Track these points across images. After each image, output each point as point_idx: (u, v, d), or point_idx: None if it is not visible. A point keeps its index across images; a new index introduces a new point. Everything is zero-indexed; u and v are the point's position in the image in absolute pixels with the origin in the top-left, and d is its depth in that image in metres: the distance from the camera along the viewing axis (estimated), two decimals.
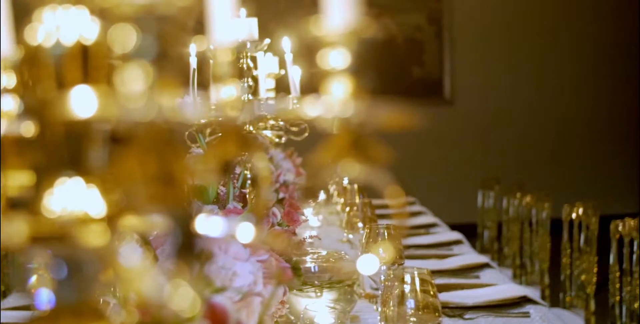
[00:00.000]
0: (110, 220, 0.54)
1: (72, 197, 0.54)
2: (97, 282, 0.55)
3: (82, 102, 0.54)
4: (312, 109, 0.65)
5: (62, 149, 0.53)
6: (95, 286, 0.55)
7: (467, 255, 2.90)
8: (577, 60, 7.49)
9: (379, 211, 2.45)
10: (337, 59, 0.64)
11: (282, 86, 2.56)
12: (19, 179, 0.54)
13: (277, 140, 2.46)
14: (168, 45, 0.55)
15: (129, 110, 0.53)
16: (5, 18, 0.57)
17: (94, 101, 0.54)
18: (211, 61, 0.66)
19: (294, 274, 1.58)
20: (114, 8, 0.54)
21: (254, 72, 1.98)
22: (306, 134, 2.02)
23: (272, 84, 2.67)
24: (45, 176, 0.54)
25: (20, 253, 0.54)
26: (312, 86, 0.70)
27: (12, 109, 0.56)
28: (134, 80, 0.54)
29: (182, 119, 0.56)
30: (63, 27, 0.54)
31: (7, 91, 0.56)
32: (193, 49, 2.02)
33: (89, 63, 0.54)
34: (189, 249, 0.59)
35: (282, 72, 2.62)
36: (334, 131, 0.64)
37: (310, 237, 1.87)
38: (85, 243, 0.53)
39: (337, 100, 0.64)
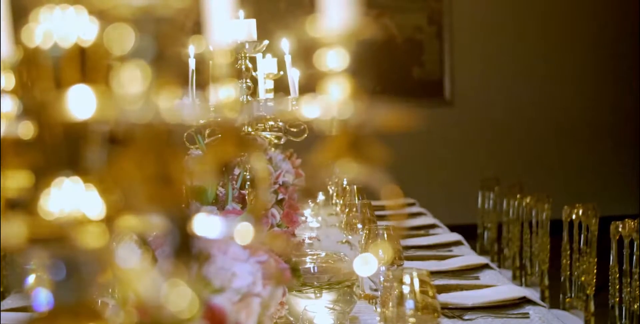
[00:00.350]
0: (109, 221, 0.54)
1: (71, 198, 0.53)
2: (95, 283, 0.55)
3: (81, 103, 0.53)
4: (311, 110, 0.65)
5: (61, 150, 0.53)
6: (94, 287, 0.55)
7: (466, 256, 2.90)
8: (577, 61, 7.49)
9: (378, 212, 2.45)
10: (336, 59, 0.63)
11: (281, 87, 2.56)
12: (17, 180, 0.54)
13: (276, 141, 2.46)
14: (166, 47, 0.55)
15: (127, 111, 0.53)
16: (5, 19, 0.57)
17: (93, 102, 0.53)
18: (210, 62, 0.66)
19: (293, 275, 1.58)
20: (111, 9, 0.53)
21: (253, 73, 1.98)
22: (305, 135, 2.02)
23: (270, 85, 2.66)
24: (43, 177, 0.53)
25: (18, 254, 0.54)
26: (311, 86, 0.70)
27: (11, 110, 0.56)
28: (132, 81, 0.54)
29: (181, 120, 0.55)
30: (61, 29, 0.54)
31: (6, 92, 0.56)
32: (191, 50, 2.02)
33: (87, 64, 0.54)
34: (187, 250, 0.59)
35: (281, 73, 2.62)
36: (333, 132, 0.64)
37: (310, 238, 1.87)
38: (83, 243, 0.53)
39: (337, 101, 0.64)
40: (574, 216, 3.21)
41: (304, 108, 0.66)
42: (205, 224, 0.61)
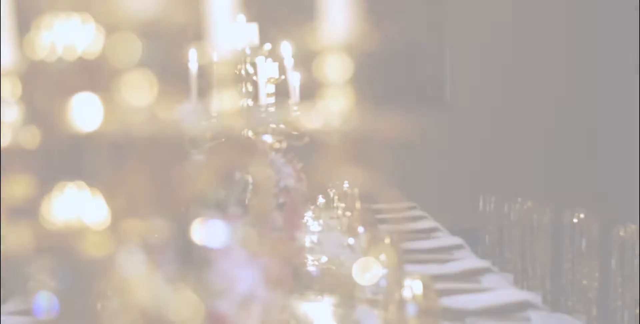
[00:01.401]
0: (113, 229, 0.54)
1: (75, 207, 0.54)
2: (99, 289, 0.55)
3: (85, 113, 0.54)
4: (312, 113, 0.65)
5: (66, 159, 0.53)
6: (98, 293, 0.55)
7: (467, 260, 2.90)
8: (578, 65, 7.49)
9: (379, 216, 2.45)
10: (337, 64, 0.64)
11: (281, 90, 2.56)
12: (21, 189, 0.54)
13: (277, 145, 2.46)
14: (170, 57, 0.55)
15: (131, 120, 0.53)
16: (10, 30, 0.57)
17: (97, 112, 0.54)
18: (214, 67, 0.66)
19: (295, 279, 1.58)
20: (117, 22, 0.54)
21: (254, 78, 1.98)
22: (307, 139, 2.02)
23: (272, 89, 2.67)
24: (48, 186, 0.54)
25: (22, 261, 0.54)
26: (312, 90, 0.70)
27: (15, 119, 0.56)
28: (137, 91, 0.54)
29: (184, 127, 0.56)
30: (67, 40, 0.54)
31: (11, 101, 0.56)
32: (193, 56, 2.02)
33: (92, 75, 0.54)
34: (190, 255, 0.59)
35: (282, 77, 2.63)
36: (334, 135, 0.64)
37: (311, 242, 1.87)
38: (87, 251, 0.53)
39: (338, 104, 0.64)
40: (575, 220, 3.21)
41: (306, 112, 0.66)
42: (207, 230, 0.61)
